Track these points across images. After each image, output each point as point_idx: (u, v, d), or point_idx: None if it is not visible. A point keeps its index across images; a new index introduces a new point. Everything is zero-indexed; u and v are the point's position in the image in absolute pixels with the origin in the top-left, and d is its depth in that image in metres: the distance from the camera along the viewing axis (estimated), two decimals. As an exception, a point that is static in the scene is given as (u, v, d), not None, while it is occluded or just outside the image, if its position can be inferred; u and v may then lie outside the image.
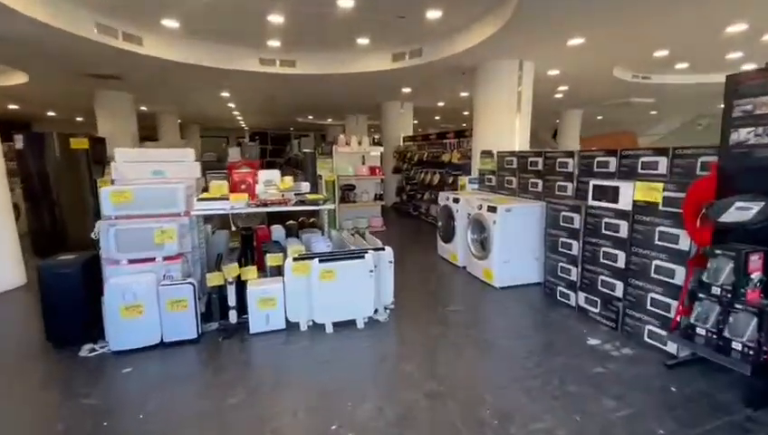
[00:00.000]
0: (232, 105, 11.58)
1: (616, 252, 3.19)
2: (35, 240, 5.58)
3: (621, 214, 3.13)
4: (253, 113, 14.26)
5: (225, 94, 9.52)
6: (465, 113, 13.77)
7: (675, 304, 2.72)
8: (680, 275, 2.69)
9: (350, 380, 2.51)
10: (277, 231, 4.54)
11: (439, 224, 5.47)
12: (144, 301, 2.86)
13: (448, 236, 5.19)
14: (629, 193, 3.06)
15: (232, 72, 6.60)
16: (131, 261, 3.06)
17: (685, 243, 2.65)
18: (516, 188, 4.89)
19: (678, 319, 2.65)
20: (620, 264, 3.16)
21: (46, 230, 5.55)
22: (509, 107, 6.00)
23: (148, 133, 13.09)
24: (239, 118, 15.39)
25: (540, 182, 4.51)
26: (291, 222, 4.81)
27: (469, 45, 5.43)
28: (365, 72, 6.80)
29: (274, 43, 6.05)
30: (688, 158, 3.01)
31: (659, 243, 2.83)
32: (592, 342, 3.03)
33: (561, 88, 8.61)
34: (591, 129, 15.09)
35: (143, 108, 11.43)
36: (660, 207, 2.82)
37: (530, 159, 4.66)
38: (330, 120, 16.27)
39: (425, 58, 6.14)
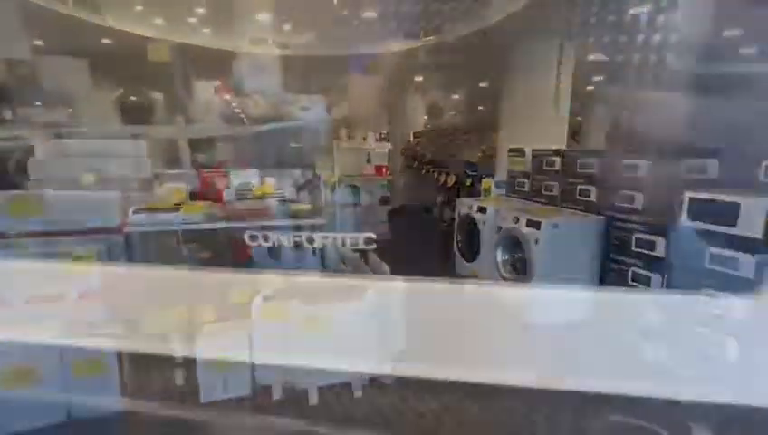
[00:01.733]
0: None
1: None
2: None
3: (743, 242, 2.15)
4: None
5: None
6: (480, 108, 12.73)
7: None
8: None
9: None
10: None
11: (459, 238, 4.50)
12: (38, 363, 1.94)
13: (471, 253, 4.22)
14: (759, 212, 2.07)
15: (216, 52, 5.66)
16: (30, 300, 2.15)
17: None
18: (558, 196, 3.90)
19: None
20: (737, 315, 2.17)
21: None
22: (545, 97, 4.99)
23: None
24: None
25: (592, 190, 3.52)
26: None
27: (499, 18, 4.44)
28: (371, 54, 5.83)
29: (264, 16, 5.10)
30: None
31: (819, 293, 1.85)
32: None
33: (596, 78, 7.56)
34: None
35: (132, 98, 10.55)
36: (824, 239, 1.83)
37: (579, 160, 3.67)
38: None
39: (444, 36, 5.15)
